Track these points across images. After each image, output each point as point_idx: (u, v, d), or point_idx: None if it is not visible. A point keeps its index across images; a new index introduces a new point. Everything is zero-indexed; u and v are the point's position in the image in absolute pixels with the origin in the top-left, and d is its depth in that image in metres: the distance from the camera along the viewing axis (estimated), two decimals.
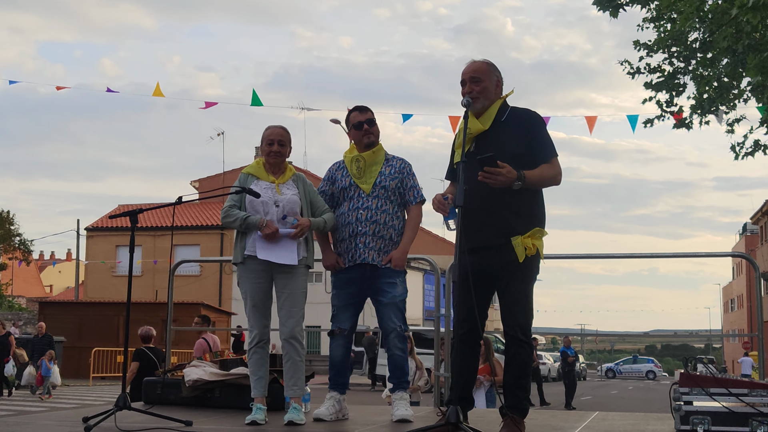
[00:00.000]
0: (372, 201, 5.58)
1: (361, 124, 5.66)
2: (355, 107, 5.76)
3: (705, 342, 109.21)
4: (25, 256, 43.43)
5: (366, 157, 5.64)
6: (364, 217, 5.55)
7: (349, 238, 5.59)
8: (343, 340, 5.65)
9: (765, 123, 14.74)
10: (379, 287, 5.55)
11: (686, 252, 8.43)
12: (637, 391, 36.12)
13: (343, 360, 5.68)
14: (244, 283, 5.60)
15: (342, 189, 5.68)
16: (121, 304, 29.63)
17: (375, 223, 5.53)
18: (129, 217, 5.38)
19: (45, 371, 20.79)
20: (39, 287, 75.40)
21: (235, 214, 5.55)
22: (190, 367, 6.63)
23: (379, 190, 5.59)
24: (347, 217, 5.61)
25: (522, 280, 4.68)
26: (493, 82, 4.83)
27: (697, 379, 5.04)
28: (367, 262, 5.53)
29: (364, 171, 5.63)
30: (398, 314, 5.55)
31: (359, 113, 5.70)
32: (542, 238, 4.72)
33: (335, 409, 5.59)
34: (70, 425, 5.18)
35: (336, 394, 5.66)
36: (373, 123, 5.69)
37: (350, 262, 5.59)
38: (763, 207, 55.27)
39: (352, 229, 5.57)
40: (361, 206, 5.58)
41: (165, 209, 45.01)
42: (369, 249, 5.53)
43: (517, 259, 4.59)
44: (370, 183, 5.61)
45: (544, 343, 70.84)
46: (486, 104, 4.78)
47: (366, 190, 5.60)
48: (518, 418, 4.57)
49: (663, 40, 16.09)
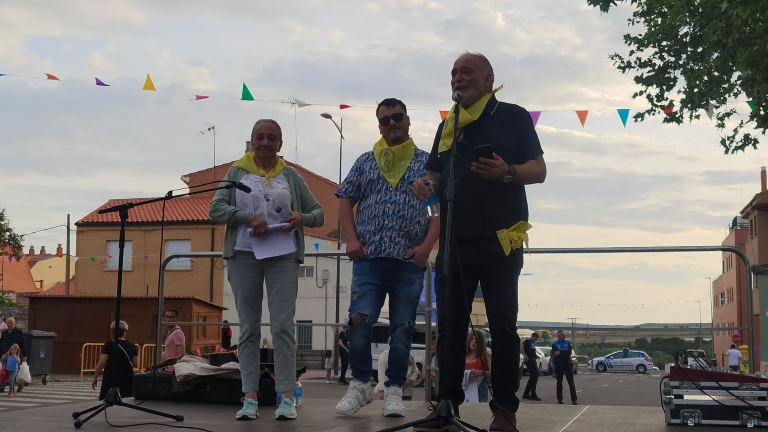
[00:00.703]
0: (399, 195, 5.55)
1: (387, 119, 5.62)
2: (384, 101, 5.71)
3: (695, 336, 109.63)
4: (15, 251, 43.24)
5: (395, 151, 5.61)
6: (391, 211, 5.53)
7: (375, 230, 5.55)
8: (363, 330, 5.56)
9: (755, 117, 14.77)
10: (398, 281, 5.53)
11: (676, 246, 8.48)
12: (628, 385, 36.24)
13: (364, 349, 5.61)
14: (235, 277, 5.59)
15: (370, 181, 5.65)
16: (111, 300, 29.56)
17: (402, 218, 5.51)
18: (119, 212, 5.35)
19: (10, 366, 20.30)
20: (29, 282, 75.17)
21: (224, 208, 5.53)
22: (180, 362, 6.62)
23: (407, 186, 5.55)
24: (374, 209, 5.58)
25: (507, 274, 4.69)
26: (483, 75, 4.84)
27: (687, 373, 5.06)
28: (392, 256, 5.50)
29: (392, 165, 5.61)
30: (410, 311, 5.54)
31: (386, 107, 5.66)
32: (527, 231, 4.73)
33: (358, 400, 5.55)
34: (61, 421, 5.16)
35: (359, 383, 5.62)
36: (400, 118, 5.63)
37: (374, 255, 5.55)
38: (753, 201, 55.45)
39: (378, 222, 5.54)
40: (388, 200, 5.56)
41: (155, 204, 44.92)
42: (395, 244, 5.50)
43: (503, 252, 4.59)
44: (398, 177, 5.58)
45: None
46: (474, 95, 4.78)
47: (393, 184, 5.57)
48: (509, 411, 4.57)
49: (653, 34, 16.10)
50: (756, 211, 55.48)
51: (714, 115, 15.35)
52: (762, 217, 54.60)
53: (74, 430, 4.71)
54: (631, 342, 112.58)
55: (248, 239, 5.52)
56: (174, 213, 46.75)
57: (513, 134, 4.70)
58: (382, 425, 4.76)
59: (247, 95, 13.39)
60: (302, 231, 5.74)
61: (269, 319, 5.57)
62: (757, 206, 54.87)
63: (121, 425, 4.80)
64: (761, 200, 54.39)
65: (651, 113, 16.37)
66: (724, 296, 71.72)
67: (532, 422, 5.16)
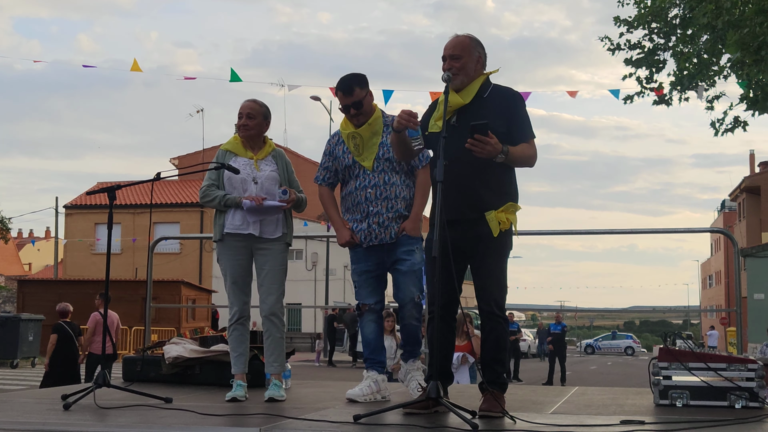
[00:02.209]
0: (378, 177, 5.33)
1: (347, 107, 5.35)
2: (339, 85, 5.36)
3: (683, 318, 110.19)
4: (3, 234, 43.05)
5: (362, 132, 5.34)
6: (373, 195, 5.32)
7: (362, 218, 5.36)
8: (372, 316, 5.42)
9: (744, 99, 14.79)
10: (397, 257, 5.33)
11: (665, 228, 8.47)
12: (616, 367, 36.44)
13: (376, 337, 5.44)
14: (224, 259, 5.58)
15: (346, 167, 5.42)
16: (100, 282, 29.47)
17: (386, 200, 5.31)
18: (107, 194, 5.31)
19: None
20: (18, 266, 74.92)
21: (214, 193, 5.51)
22: (170, 345, 6.62)
23: (383, 164, 5.33)
24: (356, 197, 5.38)
25: (496, 255, 4.68)
26: (473, 58, 4.78)
27: (676, 354, 5.08)
28: (385, 242, 5.33)
29: (362, 148, 5.36)
30: (417, 283, 5.33)
31: (344, 95, 5.32)
32: (516, 213, 4.73)
33: (371, 390, 5.32)
34: (49, 403, 5.15)
35: (374, 373, 5.41)
36: (360, 105, 5.31)
37: (365, 243, 5.37)
38: (741, 184, 55.63)
39: (363, 209, 5.34)
40: (368, 184, 5.34)
41: (144, 187, 44.81)
42: (384, 228, 5.31)
43: (491, 233, 4.59)
44: (371, 159, 5.34)
45: (524, 320, 71.20)
46: (465, 81, 4.74)
47: (369, 167, 5.35)
48: (498, 392, 4.58)
49: (643, 16, 16.11)
50: (744, 194, 55.66)
51: (704, 97, 15.36)
52: (750, 200, 54.80)
53: (63, 412, 4.71)
54: (619, 324, 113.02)
55: (238, 221, 5.50)
56: (163, 196, 46.63)
57: (505, 118, 4.67)
58: (374, 407, 4.76)
59: (235, 77, 13.34)
60: (291, 214, 5.72)
61: (258, 301, 5.56)
62: (746, 189, 55.05)
63: (110, 407, 4.80)
64: (749, 183, 54.57)
65: (640, 95, 16.38)
66: (712, 279, 72.03)
67: (521, 403, 5.18)
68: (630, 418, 4.37)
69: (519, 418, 4.28)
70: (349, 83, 5.33)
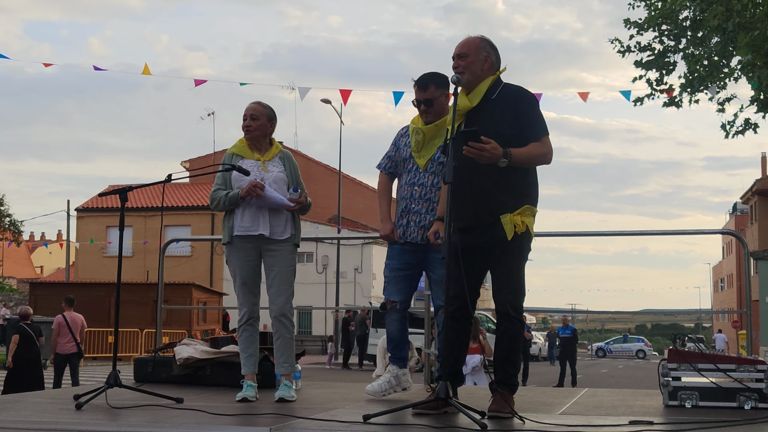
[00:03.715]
0: (427, 177, 5.37)
1: (419, 103, 5.38)
2: (418, 79, 5.40)
3: (695, 321, 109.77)
4: (16, 237, 43.19)
5: (426, 131, 5.36)
6: (418, 194, 5.37)
7: (402, 214, 5.42)
8: (396, 315, 5.49)
9: (755, 101, 14.76)
10: (430, 263, 5.40)
11: (676, 230, 8.48)
12: (627, 370, 36.32)
13: (400, 334, 5.53)
14: (233, 261, 5.60)
15: (403, 160, 5.49)
16: (111, 285, 29.56)
17: (429, 201, 5.34)
18: (118, 195, 5.35)
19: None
20: (30, 268, 75.23)
21: (218, 195, 5.54)
22: (180, 346, 6.64)
23: (436, 166, 5.36)
24: (403, 191, 5.46)
25: (512, 258, 4.68)
26: (481, 57, 4.77)
27: (685, 355, 5.08)
28: (416, 241, 5.36)
29: (422, 145, 5.39)
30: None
31: (419, 90, 5.37)
32: (532, 216, 4.73)
33: (390, 384, 5.49)
34: (62, 403, 5.19)
35: (395, 368, 5.55)
36: (431, 104, 5.33)
37: (402, 239, 5.42)
38: (753, 186, 55.40)
39: (405, 205, 5.41)
40: (416, 182, 5.39)
41: (155, 190, 44.92)
42: (419, 228, 5.34)
43: (506, 236, 4.59)
44: (426, 158, 5.37)
45: (535, 323, 71.08)
46: (471, 79, 4.74)
47: (421, 166, 5.39)
48: (508, 393, 4.59)
49: (653, 18, 16.08)
50: (756, 196, 55.43)
51: (716, 96, 15.33)
52: (762, 202, 54.57)
53: (75, 411, 4.74)
54: (630, 328, 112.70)
55: (247, 223, 5.52)
56: (174, 199, 46.75)
57: (514, 119, 4.65)
58: (382, 407, 4.78)
59: (245, 83, 13.42)
60: (299, 215, 5.74)
61: (268, 302, 5.58)
62: (757, 192, 54.81)
63: (121, 407, 4.83)
64: (761, 186, 54.33)
65: (651, 98, 16.35)
66: (723, 282, 71.75)
67: (530, 404, 5.19)
68: (639, 419, 4.38)
69: (528, 418, 4.29)
70: (426, 80, 5.37)
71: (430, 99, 5.32)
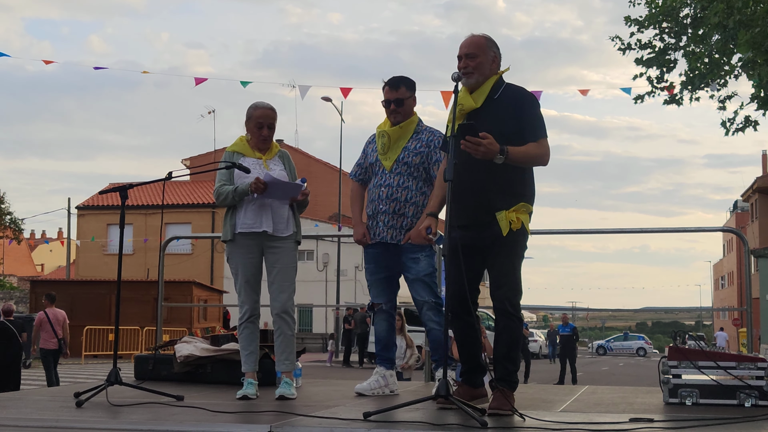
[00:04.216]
0: (393, 178, 5.50)
1: (389, 102, 5.54)
2: (389, 80, 5.57)
3: (695, 319, 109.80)
4: (16, 234, 43.21)
5: (391, 133, 5.53)
6: (384, 194, 5.49)
7: (372, 215, 5.58)
8: (383, 315, 5.64)
9: (755, 99, 14.76)
10: (404, 264, 5.51)
11: (677, 227, 8.49)
12: (628, 368, 36.33)
13: (387, 335, 5.68)
14: (235, 258, 5.60)
15: (370, 164, 5.65)
16: (112, 283, 29.59)
17: (395, 201, 5.46)
18: (119, 193, 5.35)
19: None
20: (30, 266, 75.24)
21: (225, 190, 5.53)
22: (181, 343, 6.65)
23: (401, 167, 5.49)
24: (372, 194, 5.59)
25: (507, 255, 4.69)
26: (489, 57, 4.80)
27: (685, 353, 5.08)
28: (385, 240, 5.49)
29: (388, 147, 5.54)
30: (426, 288, 5.48)
31: (389, 89, 5.54)
32: (528, 213, 4.74)
33: (378, 384, 5.58)
34: (62, 400, 5.19)
35: (382, 369, 5.64)
36: (401, 103, 5.51)
37: (373, 240, 5.57)
38: (754, 184, 55.41)
39: (374, 207, 5.55)
40: (383, 183, 5.52)
41: (156, 187, 44.93)
42: (388, 228, 5.48)
43: (501, 232, 4.61)
44: (392, 159, 5.52)
45: (535, 321, 71.06)
46: (480, 80, 4.76)
47: (387, 167, 5.53)
48: (508, 390, 4.60)
49: (654, 16, 16.08)
50: (756, 194, 55.44)
51: (717, 92, 15.32)
52: (762, 200, 54.58)
53: (76, 409, 4.74)
54: (631, 325, 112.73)
55: (250, 219, 5.52)
56: (174, 196, 46.75)
57: (515, 119, 4.67)
58: (381, 404, 4.78)
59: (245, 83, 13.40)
60: (299, 213, 5.75)
61: (269, 299, 5.59)
62: (758, 190, 54.82)
63: (122, 404, 4.83)
64: (762, 183, 54.34)
65: (651, 95, 16.35)
66: (724, 279, 71.76)
67: (530, 402, 5.19)
68: (639, 416, 4.38)
69: (528, 415, 4.29)
70: (398, 80, 5.57)
71: (401, 99, 5.51)
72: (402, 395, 5.52)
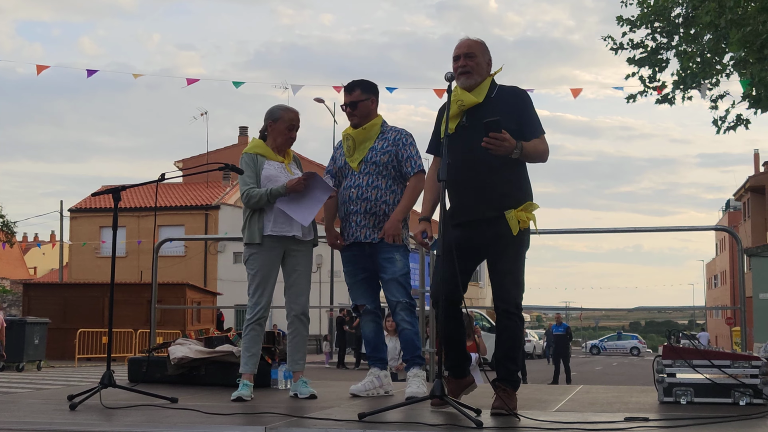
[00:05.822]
0: (362, 178, 5.51)
1: (345, 106, 5.61)
2: (347, 84, 5.63)
3: (689, 318, 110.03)
4: (9, 237, 43.05)
5: (355, 135, 5.57)
6: (354, 195, 5.51)
7: (344, 216, 5.59)
8: (369, 316, 5.65)
9: (747, 97, 14.79)
10: (379, 264, 5.50)
11: (670, 226, 8.48)
12: (622, 367, 36.37)
13: (375, 335, 5.69)
14: (259, 261, 5.54)
15: (339, 168, 5.67)
16: (105, 285, 29.54)
17: (366, 201, 5.47)
18: (112, 195, 5.33)
19: None
20: (23, 269, 75.03)
21: (258, 192, 5.50)
22: (175, 345, 6.63)
23: (370, 166, 5.51)
24: (342, 196, 5.60)
25: (514, 254, 4.70)
26: (485, 60, 4.88)
27: (680, 352, 5.09)
28: (359, 240, 5.51)
29: (354, 149, 5.58)
30: (400, 289, 5.45)
31: (345, 93, 5.61)
32: (534, 212, 4.75)
33: (373, 385, 5.59)
34: (56, 403, 5.18)
35: (376, 370, 5.65)
36: (355, 106, 5.55)
37: (347, 241, 5.59)
38: (746, 183, 55.57)
39: (345, 208, 5.56)
40: (352, 184, 5.53)
41: (149, 189, 44.84)
42: (361, 227, 5.50)
43: (510, 232, 4.61)
44: (359, 160, 5.55)
45: (529, 321, 71.15)
46: (478, 80, 4.81)
47: (355, 168, 5.55)
48: (510, 390, 4.59)
49: (646, 15, 16.11)
50: (749, 193, 55.61)
51: (707, 95, 15.36)
52: (755, 199, 54.74)
53: (69, 412, 4.73)
54: (624, 325, 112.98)
55: (281, 223, 5.51)
56: (168, 198, 46.67)
57: (514, 116, 4.71)
58: (372, 405, 4.77)
59: (237, 84, 13.40)
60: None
61: (287, 302, 5.61)
62: (750, 188, 55.00)
63: (116, 407, 4.82)
64: (754, 182, 54.52)
65: (643, 95, 16.37)
66: (717, 278, 71.92)
67: (525, 402, 5.19)
68: (634, 415, 4.38)
69: (524, 415, 4.29)
70: (353, 84, 5.61)
71: (355, 102, 5.55)
72: (397, 396, 5.52)
